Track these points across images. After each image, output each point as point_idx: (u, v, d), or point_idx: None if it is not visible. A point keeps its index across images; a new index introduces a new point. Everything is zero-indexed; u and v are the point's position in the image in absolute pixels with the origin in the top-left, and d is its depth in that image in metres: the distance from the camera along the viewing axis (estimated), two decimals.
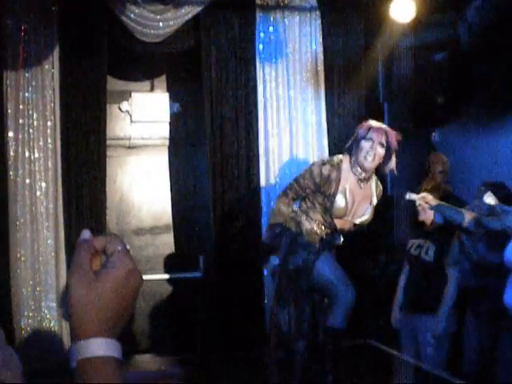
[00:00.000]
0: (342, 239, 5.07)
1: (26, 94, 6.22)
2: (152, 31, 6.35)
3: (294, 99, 6.79)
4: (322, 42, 6.87)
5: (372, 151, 4.69)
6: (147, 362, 6.61)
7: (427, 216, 4.92)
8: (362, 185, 4.84)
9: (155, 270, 7.16)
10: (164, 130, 7.31)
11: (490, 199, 4.73)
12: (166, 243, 7.28)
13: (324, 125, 6.84)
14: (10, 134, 6.17)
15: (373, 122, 4.85)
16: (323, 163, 4.85)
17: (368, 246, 6.82)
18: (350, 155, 4.82)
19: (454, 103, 6.80)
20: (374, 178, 4.98)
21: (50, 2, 6.25)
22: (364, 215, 4.91)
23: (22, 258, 6.11)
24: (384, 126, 4.96)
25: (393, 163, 4.84)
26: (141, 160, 7.30)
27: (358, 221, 4.90)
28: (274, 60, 6.76)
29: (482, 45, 6.04)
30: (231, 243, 6.55)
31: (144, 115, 7.16)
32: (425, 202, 4.71)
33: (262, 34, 6.76)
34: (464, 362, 4.94)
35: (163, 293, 7.06)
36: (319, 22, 6.86)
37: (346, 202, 4.78)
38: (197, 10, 6.47)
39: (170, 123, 7.29)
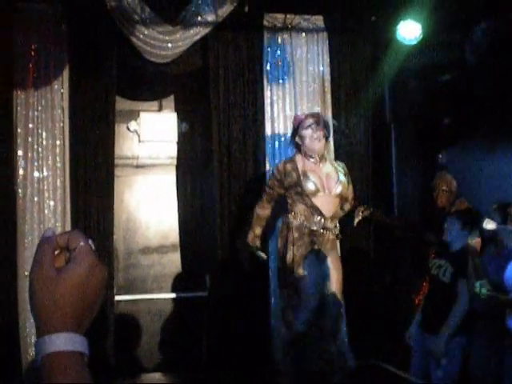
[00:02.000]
0: (337, 227, 5.44)
1: (36, 113, 6.26)
2: (161, 52, 6.41)
3: None
4: (329, 62, 6.91)
5: (315, 134, 5.33)
6: (154, 380, 6.59)
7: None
8: (320, 165, 5.40)
9: (162, 289, 7.16)
10: (172, 150, 7.34)
11: (489, 225, 4.76)
12: (173, 262, 7.28)
13: (331, 145, 6.84)
14: (20, 152, 6.21)
15: (302, 114, 5.65)
16: (280, 163, 5.53)
17: (374, 267, 6.83)
18: (299, 149, 5.43)
19: (460, 124, 6.82)
20: (328, 157, 5.60)
21: (60, 21, 6.32)
22: (338, 186, 5.39)
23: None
24: (313, 112, 5.80)
25: (331, 141, 5.74)
26: (148, 179, 7.33)
27: (337, 191, 5.37)
28: (281, 80, 6.79)
29: (489, 66, 6.07)
30: (237, 263, 6.54)
31: (152, 135, 7.20)
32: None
33: (269, 55, 6.79)
34: (470, 378, 4.92)
35: (170, 311, 7.05)
36: (326, 43, 6.90)
37: (314, 182, 5.29)
38: (205, 31, 6.52)
39: (177, 143, 7.33)
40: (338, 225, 5.48)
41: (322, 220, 5.29)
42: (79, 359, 1.00)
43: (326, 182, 5.37)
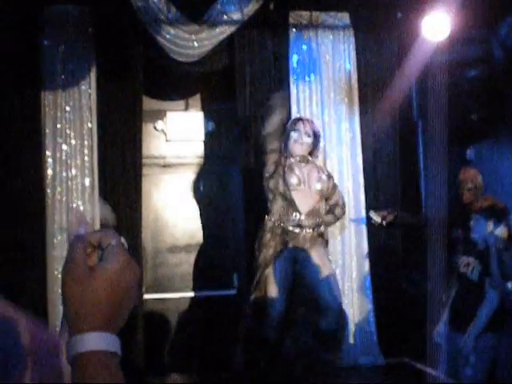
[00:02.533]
0: (320, 225, 5.48)
1: (64, 114, 6.31)
2: (187, 51, 6.43)
3: (328, 117, 6.80)
4: (356, 59, 6.89)
5: (300, 138, 5.49)
6: (183, 380, 6.60)
7: None
8: (302, 164, 5.53)
9: (190, 288, 7.17)
10: (198, 149, 7.36)
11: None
12: (201, 261, 7.30)
13: (358, 142, 6.83)
14: (48, 152, 6.26)
15: (299, 116, 5.81)
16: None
17: (402, 264, 6.80)
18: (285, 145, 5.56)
19: (488, 120, 6.76)
20: (314, 161, 5.69)
21: (86, 23, 6.36)
22: (317, 183, 5.51)
23: (59, 276, 6.16)
24: (308, 116, 5.91)
25: (319, 148, 5.72)
26: (175, 178, 7.35)
27: (316, 187, 5.48)
28: (307, 78, 6.78)
29: None
30: None
31: (179, 134, 7.22)
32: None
33: (295, 53, 6.79)
34: (496, 377, 4.88)
35: (198, 310, 7.06)
36: (352, 39, 6.88)
37: (296, 174, 5.43)
38: (231, 29, 6.53)
39: (204, 142, 7.34)
40: (320, 223, 5.49)
41: (297, 216, 5.36)
42: (111, 359, 1.00)
43: (307, 177, 5.51)
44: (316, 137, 5.60)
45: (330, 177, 5.72)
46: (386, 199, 6.89)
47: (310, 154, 5.61)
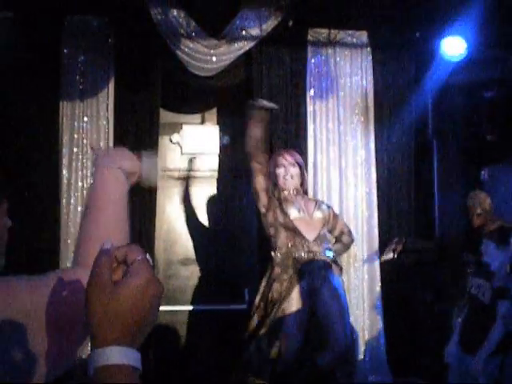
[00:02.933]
0: (331, 251, 5.35)
1: (81, 124, 6.36)
2: (205, 65, 6.46)
3: (344, 134, 6.81)
4: (373, 78, 6.91)
5: (288, 172, 5.43)
6: None
7: None
8: (298, 197, 5.47)
9: (200, 301, 7.18)
10: (213, 162, 7.37)
11: None
12: (212, 274, 7.30)
13: (373, 160, 6.84)
14: (64, 161, 6.30)
15: (279, 152, 5.69)
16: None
17: (413, 285, 6.78)
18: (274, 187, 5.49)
19: (504, 141, 6.76)
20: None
21: (106, 34, 6.42)
22: (319, 210, 5.48)
23: None
24: (288, 150, 5.80)
25: (306, 178, 5.70)
26: (190, 191, 7.36)
27: (317, 214, 5.42)
28: (324, 95, 6.80)
29: None
30: None
31: (194, 147, 7.25)
32: None
33: (313, 70, 6.81)
34: None
35: (209, 323, 7.06)
36: (370, 58, 6.90)
37: (294, 203, 5.38)
38: (249, 45, 6.56)
39: (219, 155, 7.36)
40: (331, 249, 5.36)
41: (306, 243, 5.22)
42: (132, 373, 1.01)
43: (305, 206, 5.45)
44: (300, 167, 5.55)
45: (329, 206, 5.69)
46: (399, 218, 6.88)
47: (301, 186, 5.57)
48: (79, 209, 6.28)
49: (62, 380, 1.39)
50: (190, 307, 7.10)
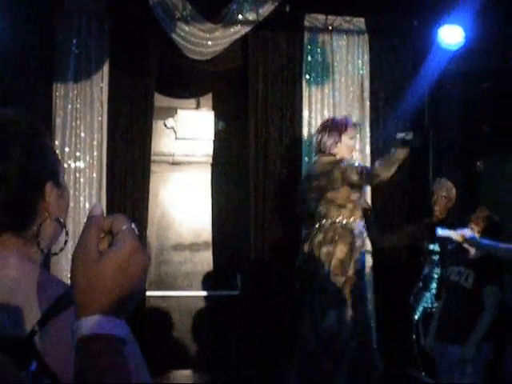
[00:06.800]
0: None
1: (75, 106, 6.31)
2: (201, 49, 6.42)
3: None
4: (369, 65, 6.88)
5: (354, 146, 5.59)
6: (183, 378, 6.59)
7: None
8: None
9: (193, 287, 7.17)
10: (208, 148, 7.36)
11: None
12: (205, 260, 7.29)
13: (367, 149, 6.81)
14: (57, 143, 6.26)
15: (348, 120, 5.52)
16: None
17: (403, 274, 6.75)
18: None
19: (500, 132, 6.74)
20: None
21: (101, 16, 6.37)
22: None
23: (63, 265, 6.16)
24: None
25: None
26: (183, 176, 7.35)
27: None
28: (320, 82, 6.77)
29: None
30: (270, 263, 6.53)
31: (189, 132, 7.22)
32: (463, 239, 4.71)
33: (309, 56, 6.78)
34: None
35: (200, 309, 7.06)
36: (367, 45, 6.87)
37: None
38: (245, 29, 6.53)
39: (214, 141, 7.34)
40: None
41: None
42: (116, 344, 0.99)
43: None
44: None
45: None
46: (393, 208, 6.87)
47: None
48: (71, 192, 6.24)
49: None
50: (183, 293, 7.09)
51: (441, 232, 4.86)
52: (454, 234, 4.72)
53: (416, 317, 6.09)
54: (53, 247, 1.38)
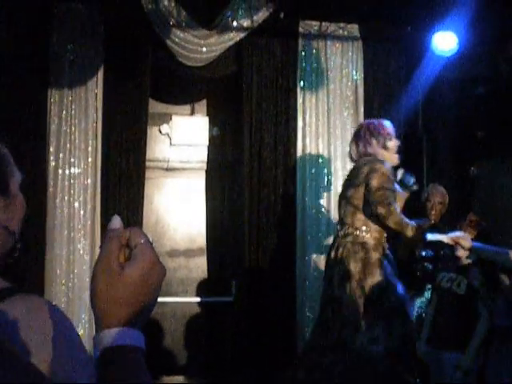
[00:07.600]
0: None
1: (70, 112, 6.31)
2: (195, 55, 6.43)
3: (334, 127, 6.80)
4: (363, 71, 6.90)
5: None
6: (178, 383, 6.59)
7: (464, 252, 4.85)
8: None
9: (187, 293, 7.16)
10: (202, 154, 7.36)
11: None
12: (200, 266, 7.29)
13: None
14: (51, 149, 6.26)
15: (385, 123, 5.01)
16: (379, 164, 4.76)
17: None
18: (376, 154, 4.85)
19: (494, 138, 6.76)
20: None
21: (96, 22, 6.38)
22: None
23: (58, 272, 6.15)
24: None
25: None
26: (178, 182, 7.35)
27: None
28: (314, 88, 6.79)
29: None
30: (264, 269, 6.54)
31: (183, 138, 7.23)
32: (455, 242, 4.62)
33: (303, 62, 6.80)
34: None
35: (194, 315, 7.06)
36: (361, 51, 6.90)
37: None
38: (240, 36, 6.55)
39: (208, 147, 7.34)
40: None
41: None
42: (137, 354, 1.02)
43: None
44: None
45: None
46: None
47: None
48: (66, 198, 6.24)
49: None
50: (177, 299, 7.09)
51: (430, 237, 4.80)
52: (445, 238, 4.68)
53: None
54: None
